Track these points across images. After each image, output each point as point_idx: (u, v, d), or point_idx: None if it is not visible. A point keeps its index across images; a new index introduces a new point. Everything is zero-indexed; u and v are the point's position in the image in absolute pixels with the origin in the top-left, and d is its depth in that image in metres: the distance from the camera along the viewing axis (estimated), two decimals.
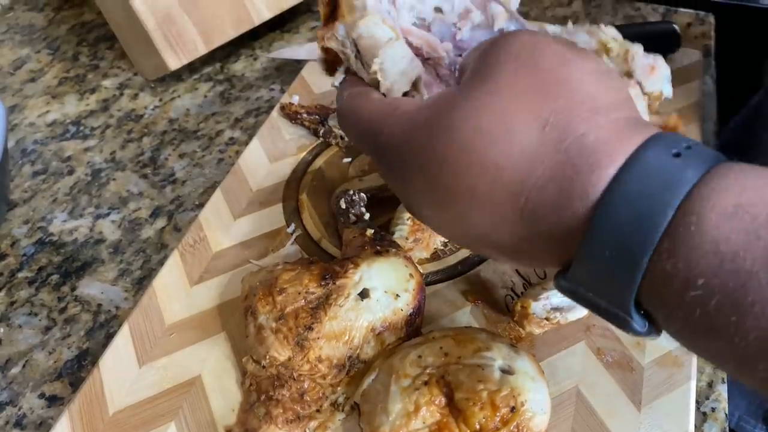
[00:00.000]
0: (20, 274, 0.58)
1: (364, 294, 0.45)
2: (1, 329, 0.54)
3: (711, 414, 0.47)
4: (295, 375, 0.44)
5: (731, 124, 0.80)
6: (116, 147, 0.70)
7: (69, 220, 0.63)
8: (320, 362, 0.44)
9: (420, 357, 0.41)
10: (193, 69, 0.79)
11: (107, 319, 0.54)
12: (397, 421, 0.39)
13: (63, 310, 0.55)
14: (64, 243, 0.60)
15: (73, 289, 0.57)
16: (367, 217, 0.56)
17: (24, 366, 0.51)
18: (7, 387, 0.50)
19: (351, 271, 0.45)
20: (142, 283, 0.57)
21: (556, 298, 0.48)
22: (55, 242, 0.61)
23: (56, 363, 0.51)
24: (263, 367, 0.44)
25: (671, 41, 0.74)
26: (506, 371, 0.40)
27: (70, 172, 0.67)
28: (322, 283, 0.45)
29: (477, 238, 0.30)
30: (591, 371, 0.47)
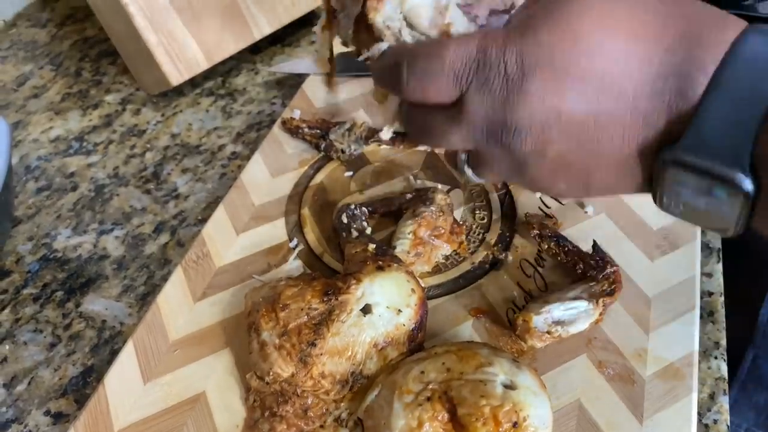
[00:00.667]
0: (25, 291, 0.58)
1: (366, 309, 0.45)
2: (7, 346, 0.54)
3: (713, 426, 0.47)
4: (299, 391, 0.44)
5: None
6: (119, 162, 0.71)
7: (73, 236, 0.63)
8: (323, 378, 0.44)
9: (423, 373, 0.42)
10: (194, 84, 0.80)
11: (111, 335, 0.55)
12: None
13: (68, 326, 0.55)
14: (68, 259, 0.61)
15: (77, 305, 0.57)
16: (369, 231, 0.56)
17: (29, 383, 0.52)
18: (12, 404, 0.50)
19: (353, 286, 0.46)
20: (146, 298, 0.57)
21: (557, 311, 0.48)
22: (59, 258, 0.61)
23: (61, 380, 0.52)
24: (267, 383, 0.45)
25: None
26: (508, 386, 0.40)
27: (74, 188, 0.68)
28: (325, 298, 0.45)
29: (591, 140, 0.31)
30: (592, 384, 0.47)
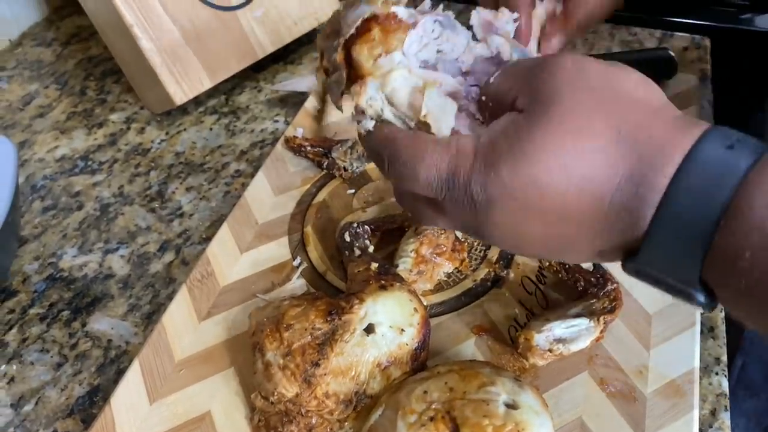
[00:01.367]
0: (32, 311, 0.59)
1: (369, 329, 0.46)
2: (14, 366, 0.55)
3: None
4: (303, 411, 0.44)
5: None
6: (124, 181, 0.72)
7: (79, 255, 0.64)
8: (327, 398, 0.44)
9: (425, 392, 0.42)
10: (198, 102, 0.80)
11: (117, 354, 0.55)
12: None
13: (74, 346, 0.56)
14: (74, 279, 0.62)
15: (83, 324, 0.58)
16: (371, 249, 0.57)
17: (36, 403, 0.52)
18: (20, 425, 0.51)
19: (356, 306, 0.46)
20: (151, 317, 0.58)
21: (558, 329, 0.49)
22: (65, 278, 0.62)
23: (68, 400, 0.52)
24: (272, 403, 0.45)
25: (667, 68, 0.75)
26: (511, 406, 0.41)
27: (79, 207, 0.69)
28: (328, 318, 0.46)
29: (559, 248, 0.34)
30: (594, 402, 0.47)
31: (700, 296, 0.30)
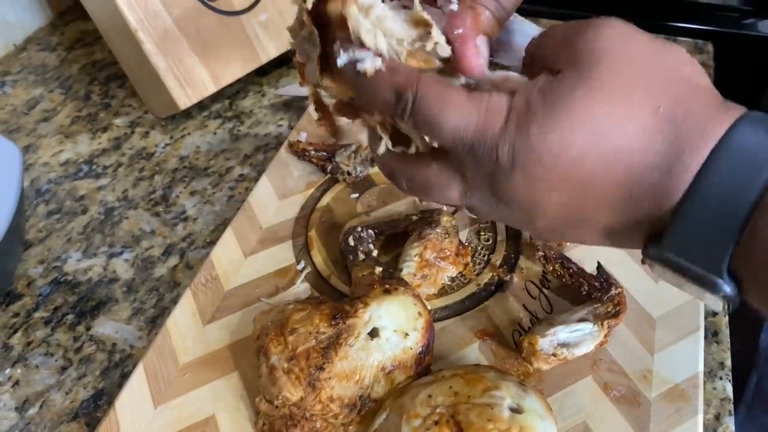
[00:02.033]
0: (36, 314, 0.59)
1: (373, 333, 0.46)
2: (19, 370, 0.55)
3: None
4: (308, 415, 0.44)
5: None
6: (128, 185, 0.72)
7: (83, 259, 0.64)
8: (332, 402, 0.44)
9: (430, 396, 0.42)
10: (202, 106, 0.81)
11: (122, 358, 0.55)
12: None
13: (78, 349, 0.56)
14: (78, 282, 0.62)
15: (88, 328, 0.58)
16: (375, 253, 0.57)
17: (41, 406, 0.52)
18: (24, 428, 0.51)
19: (360, 310, 0.46)
20: (155, 321, 0.58)
21: (562, 333, 0.49)
22: (70, 282, 0.62)
23: (72, 403, 0.52)
24: (276, 407, 0.45)
25: None
26: (515, 410, 0.41)
27: (84, 211, 0.69)
28: (333, 322, 0.46)
29: (573, 222, 0.33)
30: (598, 406, 0.47)
31: (726, 287, 0.29)
